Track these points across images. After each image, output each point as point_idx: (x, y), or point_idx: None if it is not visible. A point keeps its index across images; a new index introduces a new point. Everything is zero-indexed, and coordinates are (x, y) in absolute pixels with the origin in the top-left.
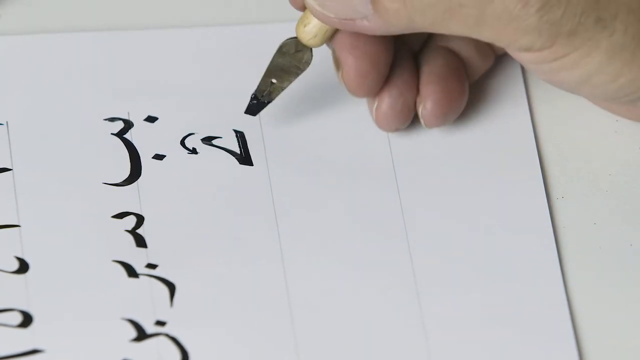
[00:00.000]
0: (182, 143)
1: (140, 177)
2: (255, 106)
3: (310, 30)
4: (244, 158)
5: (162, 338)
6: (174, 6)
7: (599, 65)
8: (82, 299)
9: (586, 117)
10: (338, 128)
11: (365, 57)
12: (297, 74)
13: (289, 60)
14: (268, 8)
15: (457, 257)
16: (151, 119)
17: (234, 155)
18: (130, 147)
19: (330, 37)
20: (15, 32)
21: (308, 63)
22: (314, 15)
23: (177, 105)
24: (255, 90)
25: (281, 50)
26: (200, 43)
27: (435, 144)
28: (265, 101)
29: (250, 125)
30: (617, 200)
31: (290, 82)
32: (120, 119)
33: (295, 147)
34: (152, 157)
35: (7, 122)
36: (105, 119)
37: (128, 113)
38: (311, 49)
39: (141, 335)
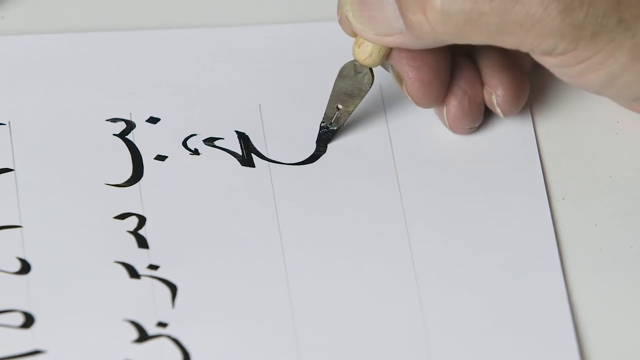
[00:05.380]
0: (184, 144)
1: (142, 178)
2: (325, 134)
3: (365, 49)
4: (246, 159)
5: (163, 339)
6: (176, 7)
7: (624, 66)
8: (83, 300)
9: (587, 119)
10: (339, 129)
11: (425, 67)
12: (361, 96)
13: (351, 84)
14: (269, 9)
15: (458, 258)
16: (153, 120)
17: (235, 157)
18: (132, 148)
19: (386, 54)
20: (18, 32)
21: (370, 83)
22: (358, 34)
23: (179, 106)
24: (323, 119)
25: (341, 75)
26: (202, 44)
27: (437, 146)
28: (335, 128)
29: (252, 127)
30: (617, 201)
31: (356, 105)
32: (122, 119)
33: (296, 148)
34: (154, 158)
35: (9, 122)
36: (107, 120)
37: (130, 114)
38: (371, 69)
39: (143, 336)
